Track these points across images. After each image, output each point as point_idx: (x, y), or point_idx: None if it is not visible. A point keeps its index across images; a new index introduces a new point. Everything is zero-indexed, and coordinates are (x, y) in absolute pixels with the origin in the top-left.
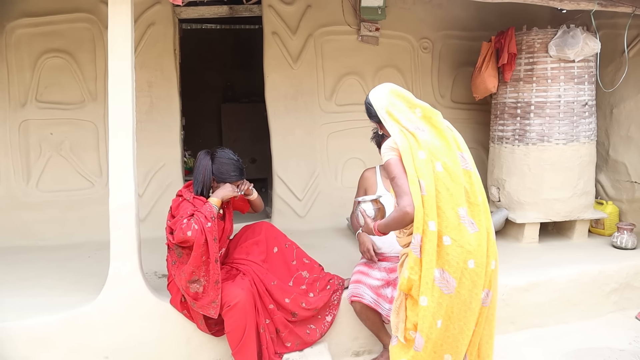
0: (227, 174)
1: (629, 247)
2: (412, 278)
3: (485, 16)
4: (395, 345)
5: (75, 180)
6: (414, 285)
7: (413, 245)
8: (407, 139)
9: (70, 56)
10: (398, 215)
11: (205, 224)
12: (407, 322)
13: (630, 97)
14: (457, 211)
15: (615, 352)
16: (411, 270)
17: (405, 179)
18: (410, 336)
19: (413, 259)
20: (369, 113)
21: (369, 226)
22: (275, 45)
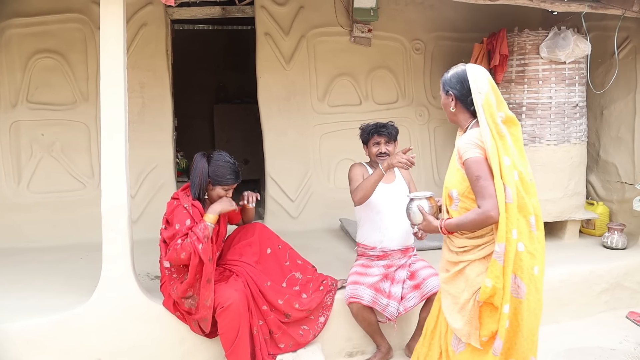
0: (222, 177)
1: (619, 247)
2: (497, 287)
3: (477, 18)
4: (463, 351)
5: (66, 182)
6: (498, 293)
7: (497, 254)
8: (496, 141)
9: (62, 57)
10: (479, 218)
11: (197, 246)
12: (482, 329)
13: (620, 98)
14: (528, 219)
15: (606, 351)
16: (497, 279)
17: (491, 181)
18: (484, 342)
19: (498, 267)
20: (449, 83)
21: (432, 224)
22: (267, 46)
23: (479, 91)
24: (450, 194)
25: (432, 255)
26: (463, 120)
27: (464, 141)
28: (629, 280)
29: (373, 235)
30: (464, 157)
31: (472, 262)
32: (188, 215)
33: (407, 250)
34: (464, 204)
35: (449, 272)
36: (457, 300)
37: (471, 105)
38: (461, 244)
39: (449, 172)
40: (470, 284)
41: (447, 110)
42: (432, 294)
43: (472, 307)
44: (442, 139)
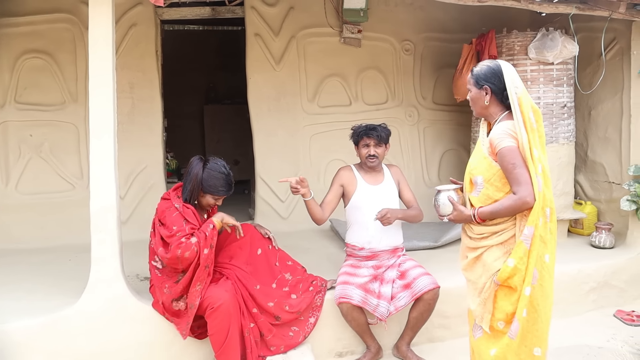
0: (215, 187)
1: (607, 246)
2: (519, 267)
3: (466, 19)
4: (481, 337)
5: (55, 183)
6: (518, 274)
7: (525, 236)
8: (528, 133)
9: (50, 57)
10: (515, 204)
11: (203, 250)
12: (496, 312)
13: (608, 99)
14: (545, 211)
15: (594, 349)
16: (520, 260)
17: (526, 169)
18: (498, 327)
19: (523, 249)
20: (485, 77)
21: (464, 213)
22: (257, 46)
23: (515, 86)
24: (474, 180)
25: (422, 255)
26: (494, 113)
27: (498, 131)
28: (617, 279)
29: (361, 236)
30: (499, 146)
31: (490, 247)
32: (181, 217)
33: (396, 251)
34: (487, 190)
35: (466, 259)
36: (477, 285)
37: (506, 99)
38: (480, 230)
39: (474, 160)
40: (487, 268)
41: (478, 104)
42: (423, 293)
43: (488, 290)
44: (432, 139)
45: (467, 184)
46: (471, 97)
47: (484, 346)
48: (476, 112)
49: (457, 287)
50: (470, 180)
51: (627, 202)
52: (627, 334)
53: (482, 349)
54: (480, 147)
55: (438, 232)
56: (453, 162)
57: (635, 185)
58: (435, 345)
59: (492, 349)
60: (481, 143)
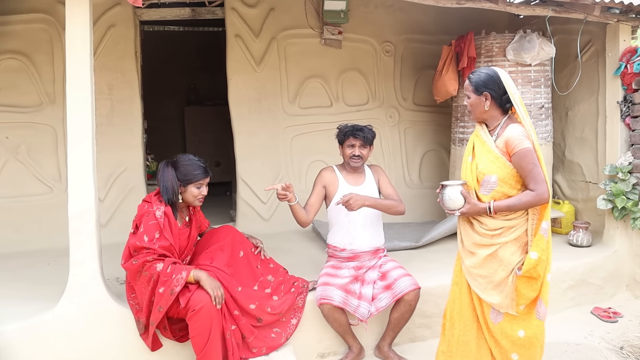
0: (191, 174)
1: (584, 244)
2: (542, 258)
3: (445, 20)
4: (502, 321)
5: (33, 186)
6: (540, 265)
7: (544, 230)
8: (533, 137)
9: (27, 58)
10: (533, 200)
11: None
12: (518, 299)
13: (584, 100)
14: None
15: (572, 346)
16: (542, 252)
17: (541, 168)
18: (520, 309)
19: (543, 241)
20: (484, 84)
21: (478, 206)
22: (238, 48)
23: (515, 91)
24: (486, 179)
25: (404, 255)
26: (495, 117)
27: (515, 134)
28: (594, 277)
29: (343, 237)
30: (518, 147)
31: (505, 244)
32: (157, 226)
33: (378, 252)
34: (502, 188)
35: (476, 256)
36: (491, 279)
37: (505, 103)
38: (496, 225)
39: (484, 161)
40: (506, 263)
41: (478, 109)
42: (404, 294)
43: (511, 283)
44: (412, 140)
45: (473, 182)
46: (470, 103)
47: (509, 328)
48: (475, 116)
49: (438, 287)
50: (478, 180)
51: (603, 201)
52: (604, 331)
53: (508, 331)
54: (490, 148)
55: (419, 233)
56: (434, 162)
57: (611, 184)
58: (417, 344)
59: (519, 330)
60: (489, 145)
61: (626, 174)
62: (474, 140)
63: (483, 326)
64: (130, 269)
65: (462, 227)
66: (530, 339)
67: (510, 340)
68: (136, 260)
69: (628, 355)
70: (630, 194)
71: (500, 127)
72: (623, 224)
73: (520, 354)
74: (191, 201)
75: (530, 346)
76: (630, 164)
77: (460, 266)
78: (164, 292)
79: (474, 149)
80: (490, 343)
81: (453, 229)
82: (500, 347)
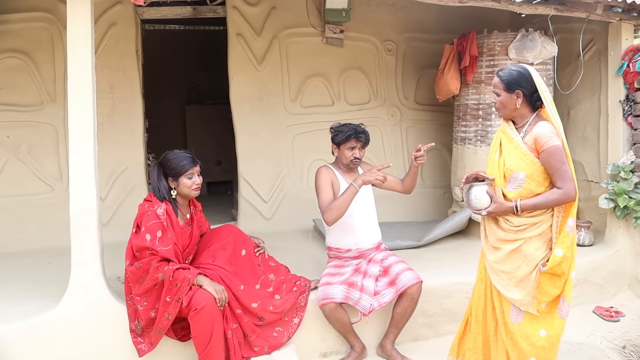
0: (178, 166)
1: (586, 244)
2: (567, 256)
3: (447, 19)
4: (522, 321)
5: (34, 185)
6: (565, 262)
7: (569, 227)
8: (562, 135)
9: (28, 56)
10: (561, 197)
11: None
12: (540, 296)
13: (586, 99)
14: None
15: (574, 345)
16: (567, 249)
17: (569, 166)
18: (541, 308)
19: (569, 238)
20: (517, 82)
21: (505, 205)
22: (239, 46)
23: (545, 89)
24: (514, 175)
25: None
26: (524, 115)
27: (545, 131)
28: (596, 276)
29: (347, 238)
30: (548, 144)
31: (529, 239)
32: (160, 225)
33: (379, 246)
34: (529, 185)
35: (500, 251)
36: (514, 275)
37: (536, 101)
38: (520, 222)
39: (512, 157)
40: (530, 258)
41: (508, 107)
42: (406, 288)
43: (534, 279)
44: (414, 139)
45: (500, 179)
46: (500, 101)
47: (530, 328)
48: (504, 114)
49: (440, 286)
50: (505, 176)
51: (605, 200)
52: (606, 330)
53: (529, 331)
54: (518, 145)
55: (421, 232)
56: (436, 161)
57: (613, 183)
58: (419, 344)
59: (541, 329)
60: (517, 142)
61: (628, 173)
62: (500, 137)
63: (501, 326)
64: (134, 273)
65: (486, 223)
66: (552, 339)
67: (530, 342)
68: (140, 264)
69: (630, 355)
70: (632, 193)
71: (529, 125)
72: (625, 223)
73: (540, 357)
74: (187, 193)
75: (550, 347)
76: (633, 163)
77: (484, 263)
78: (171, 301)
79: (500, 145)
80: (507, 345)
81: (455, 228)
82: (519, 350)
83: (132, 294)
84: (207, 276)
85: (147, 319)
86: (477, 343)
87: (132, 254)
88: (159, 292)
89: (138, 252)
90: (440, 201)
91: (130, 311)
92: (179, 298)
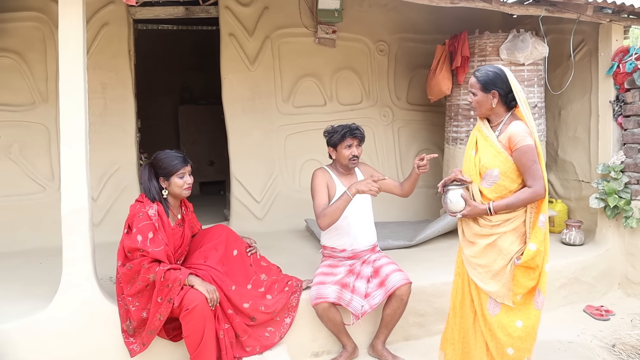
0: (169, 166)
1: (577, 243)
2: (540, 250)
3: (439, 20)
4: (499, 313)
5: (25, 185)
6: (539, 255)
7: (542, 222)
8: (535, 134)
9: (19, 56)
10: (530, 196)
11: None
12: (515, 288)
13: (577, 99)
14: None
15: (564, 344)
16: (540, 243)
17: (539, 166)
18: (517, 300)
19: (541, 233)
20: (493, 82)
21: (479, 207)
22: (232, 46)
23: (520, 90)
24: (488, 172)
25: (397, 254)
26: (499, 115)
27: (519, 130)
28: (586, 275)
29: (343, 239)
30: (521, 143)
31: (504, 234)
32: (151, 226)
33: (374, 247)
34: (503, 182)
35: (476, 245)
36: (490, 268)
37: (511, 101)
38: (495, 218)
39: (487, 155)
40: (505, 252)
41: (484, 107)
42: (395, 289)
43: (509, 271)
44: (406, 139)
45: (476, 176)
46: (477, 100)
47: (506, 320)
48: (480, 113)
49: (432, 286)
50: (480, 173)
51: (595, 200)
52: (596, 329)
53: (505, 322)
54: (493, 143)
55: (413, 232)
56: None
57: (603, 183)
58: (411, 343)
59: (517, 320)
60: (492, 140)
61: (618, 172)
62: (476, 135)
63: (480, 318)
64: (125, 274)
65: (463, 219)
66: (528, 329)
67: (507, 333)
68: (131, 265)
69: (620, 353)
70: (622, 192)
71: (504, 124)
72: (615, 223)
73: (516, 347)
74: (178, 192)
75: (527, 337)
76: (623, 163)
77: (461, 257)
78: (163, 301)
79: (477, 143)
80: (486, 336)
81: (446, 228)
82: (497, 341)
83: (124, 295)
84: (198, 276)
85: (139, 320)
86: (455, 334)
87: (124, 255)
88: (150, 293)
89: (130, 253)
90: (432, 201)
91: (122, 312)
92: (171, 299)
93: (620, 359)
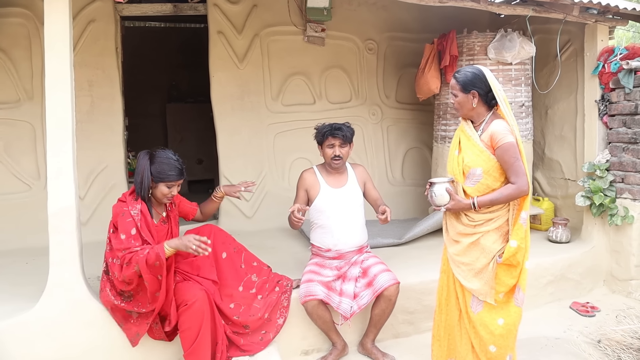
0: (164, 173)
1: (563, 240)
2: (521, 246)
3: (428, 19)
4: (482, 310)
5: (10, 183)
6: (520, 252)
7: (523, 219)
8: (516, 132)
9: (4, 53)
10: (514, 193)
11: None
12: (497, 286)
13: (563, 98)
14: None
15: (551, 340)
16: (521, 240)
17: (522, 162)
18: (499, 298)
19: (522, 230)
20: (472, 83)
21: (463, 202)
22: (220, 44)
23: (499, 89)
24: (472, 172)
25: (386, 252)
26: (481, 114)
27: (500, 129)
28: (572, 272)
29: (326, 239)
30: (502, 140)
31: (487, 232)
32: (133, 223)
33: (362, 249)
34: (486, 180)
35: (460, 244)
36: (473, 266)
37: (491, 100)
38: (479, 217)
39: (470, 154)
40: (488, 250)
41: (465, 107)
42: (383, 289)
43: (491, 270)
44: (395, 137)
45: (459, 175)
46: (458, 101)
47: (488, 317)
48: (462, 114)
49: (421, 284)
50: (464, 173)
51: (581, 198)
52: (582, 325)
53: (487, 320)
54: (475, 142)
55: (402, 230)
56: (416, 160)
57: (589, 181)
58: (400, 340)
59: (499, 318)
60: (474, 139)
61: (604, 171)
62: (459, 135)
63: (464, 315)
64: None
65: (447, 218)
66: (509, 327)
67: (489, 330)
68: (117, 260)
69: (605, 348)
70: (607, 191)
71: (485, 123)
72: (601, 221)
73: (498, 345)
74: (159, 198)
75: (508, 335)
76: (608, 161)
77: (446, 255)
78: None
79: (460, 143)
80: (470, 333)
81: (435, 226)
82: (480, 339)
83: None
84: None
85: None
86: (440, 331)
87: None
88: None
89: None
90: (420, 199)
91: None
92: (160, 275)
93: (606, 354)
